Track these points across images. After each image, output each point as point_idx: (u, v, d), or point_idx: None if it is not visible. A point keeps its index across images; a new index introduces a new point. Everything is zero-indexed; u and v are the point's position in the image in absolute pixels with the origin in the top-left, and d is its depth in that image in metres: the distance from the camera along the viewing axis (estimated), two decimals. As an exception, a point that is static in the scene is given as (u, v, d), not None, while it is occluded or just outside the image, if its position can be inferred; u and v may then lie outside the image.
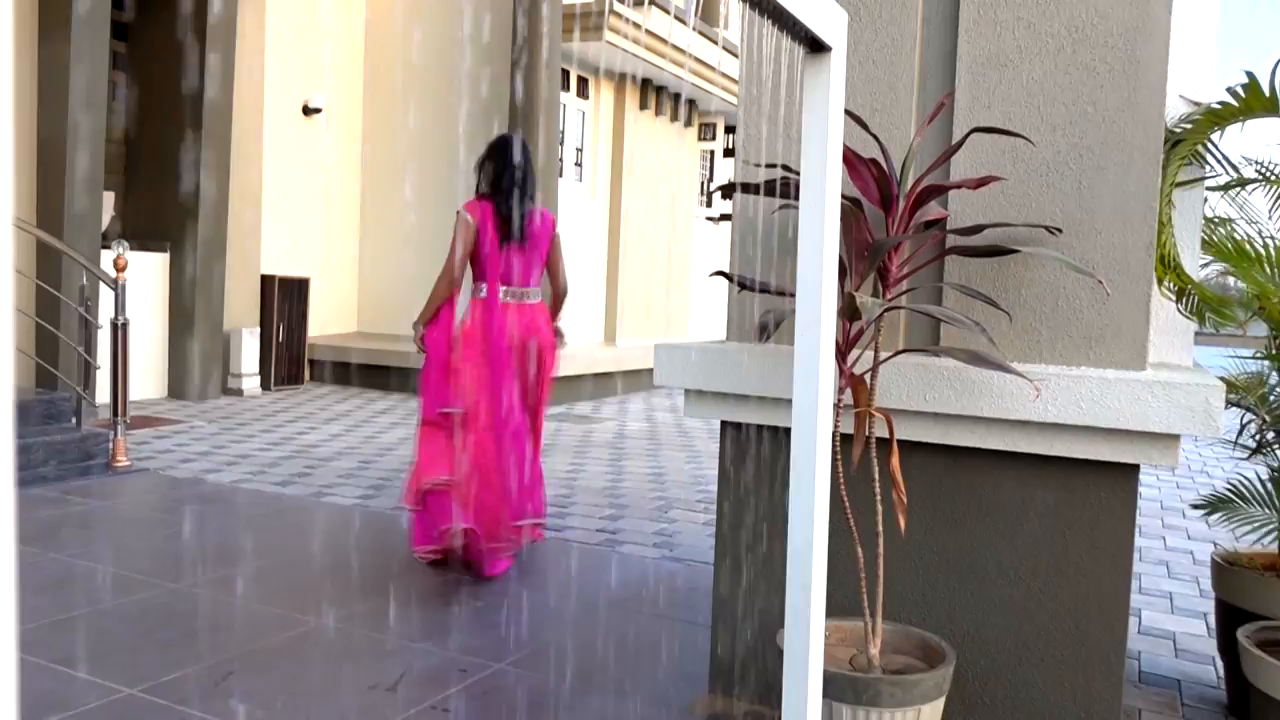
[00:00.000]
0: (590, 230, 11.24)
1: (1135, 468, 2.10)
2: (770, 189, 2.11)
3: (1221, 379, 2.80)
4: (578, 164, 11.13)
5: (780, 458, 2.40)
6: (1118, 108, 2.11)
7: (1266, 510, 2.27)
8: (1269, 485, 2.26)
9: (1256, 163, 2.26)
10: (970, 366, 2.04)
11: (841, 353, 2.00)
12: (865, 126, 2.01)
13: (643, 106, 12.01)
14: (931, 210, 2.14)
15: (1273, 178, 2.28)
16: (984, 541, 2.21)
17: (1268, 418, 2.59)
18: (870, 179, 1.94)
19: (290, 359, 8.52)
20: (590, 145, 11.30)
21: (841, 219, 2.00)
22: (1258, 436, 2.66)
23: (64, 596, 3.15)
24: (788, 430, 2.33)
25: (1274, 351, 2.51)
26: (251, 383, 8.14)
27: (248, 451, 5.83)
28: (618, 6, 9.84)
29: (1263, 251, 2.34)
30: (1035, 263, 2.17)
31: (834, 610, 2.26)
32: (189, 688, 2.51)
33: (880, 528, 2.05)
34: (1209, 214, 2.63)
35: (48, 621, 2.92)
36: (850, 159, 1.91)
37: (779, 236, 2.40)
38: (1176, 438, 2.00)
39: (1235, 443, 2.74)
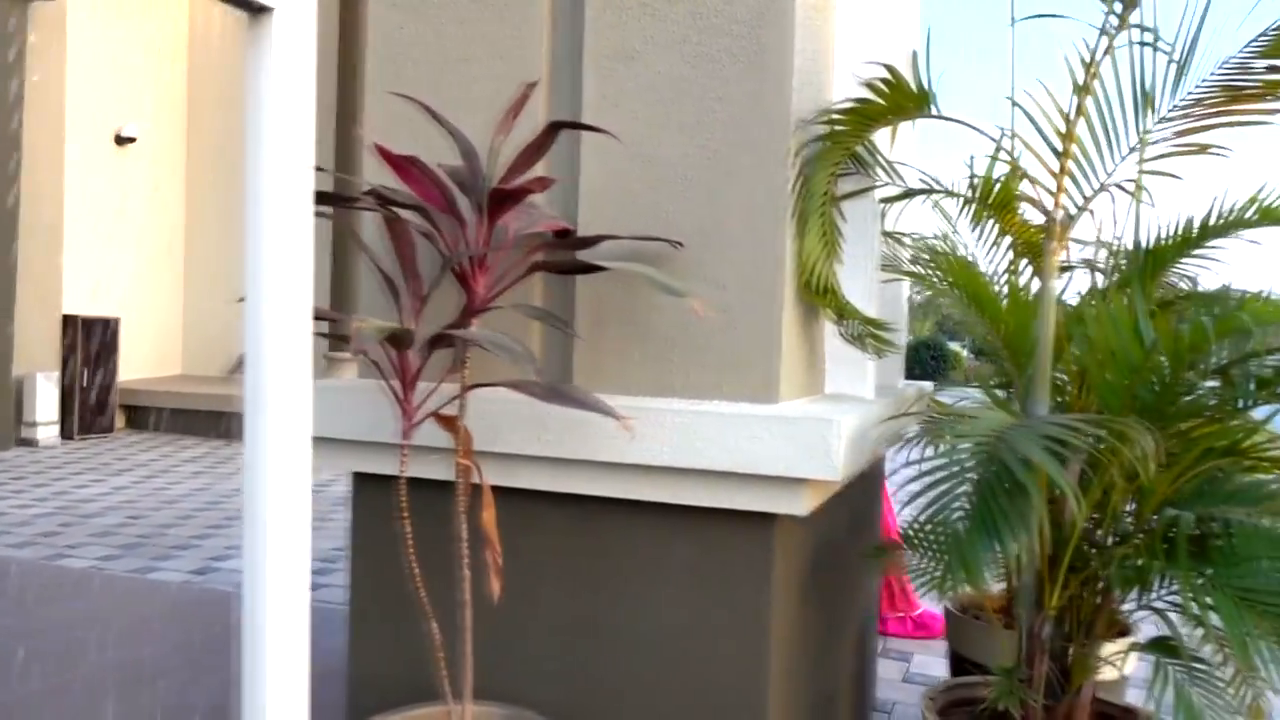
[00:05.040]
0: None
1: (774, 517, 1.81)
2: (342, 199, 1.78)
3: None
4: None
5: (429, 513, 2.03)
6: (745, 104, 1.86)
7: (926, 559, 2.02)
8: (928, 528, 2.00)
9: (921, 172, 2.04)
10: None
11: (406, 387, 1.68)
12: (437, 117, 1.70)
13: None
14: (541, 221, 1.84)
15: (939, 188, 2.05)
16: (621, 604, 1.90)
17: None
18: (428, 183, 1.63)
19: (97, 405, 7.88)
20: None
21: (390, 231, 1.69)
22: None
23: None
24: (440, 482, 1.98)
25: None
26: (48, 432, 7.48)
27: (1, 509, 5.24)
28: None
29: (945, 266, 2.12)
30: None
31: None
32: None
33: (468, 595, 1.73)
34: (890, 227, 2.41)
35: None
36: (390, 158, 1.60)
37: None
38: (804, 481, 1.72)
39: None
